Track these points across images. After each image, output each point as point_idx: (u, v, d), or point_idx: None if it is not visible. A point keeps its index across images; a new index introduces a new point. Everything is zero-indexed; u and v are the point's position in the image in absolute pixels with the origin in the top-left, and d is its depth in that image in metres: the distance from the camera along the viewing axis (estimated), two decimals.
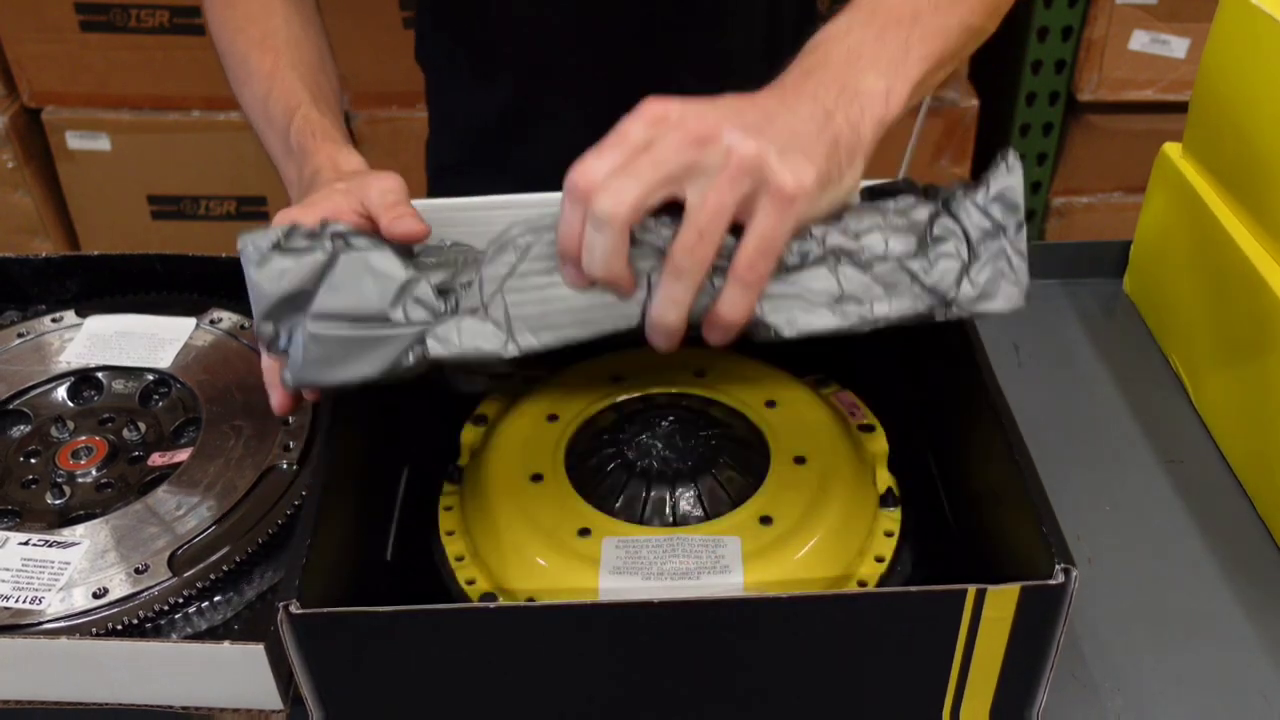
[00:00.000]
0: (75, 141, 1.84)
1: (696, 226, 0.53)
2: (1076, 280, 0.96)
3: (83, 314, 0.84)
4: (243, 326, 0.83)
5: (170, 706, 0.62)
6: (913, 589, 0.54)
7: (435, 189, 1.14)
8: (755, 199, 0.53)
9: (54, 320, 0.84)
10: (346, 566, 0.62)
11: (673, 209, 0.54)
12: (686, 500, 0.67)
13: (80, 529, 0.67)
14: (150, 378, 0.80)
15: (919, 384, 0.81)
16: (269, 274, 0.54)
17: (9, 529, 0.68)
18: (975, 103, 1.75)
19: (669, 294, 0.54)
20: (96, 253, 0.87)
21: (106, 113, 1.82)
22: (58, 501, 0.70)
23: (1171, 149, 0.88)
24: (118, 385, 0.80)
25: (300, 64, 0.78)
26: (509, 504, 0.67)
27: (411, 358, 0.55)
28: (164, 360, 0.80)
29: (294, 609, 0.52)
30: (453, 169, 1.12)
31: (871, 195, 0.60)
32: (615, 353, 0.80)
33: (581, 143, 0.55)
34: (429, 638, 0.55)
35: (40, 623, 0.62)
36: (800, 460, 0.69)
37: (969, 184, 0.58)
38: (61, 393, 0.79)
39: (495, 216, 0.66)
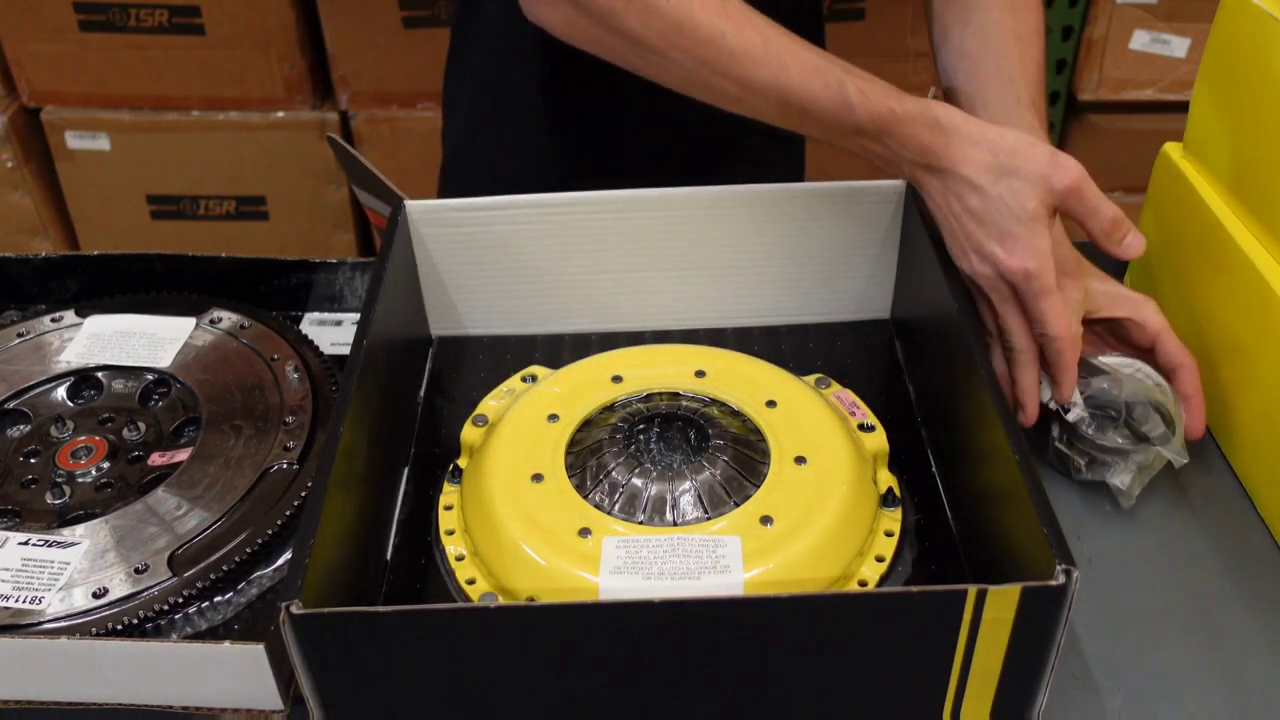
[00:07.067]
0: (75, 141, 1.84)
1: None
2: None
3: (82, 314, 0.84)
4: (243, 326, 0.83)
5: (170, 706, 0.61)
6: (913, 589, 0.54)
7: (455, 178, 1.10)
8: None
9: (54, 320, 0.83)
10: (346, 566, 0.62)
11: None
12: (686, 500, 0.67)
13: (80, 529, 0.67)
14: (150, 377, 0.80)
15: (919, 384, 0.81)
16: None
17: (9, 529, 0.68)
18: None
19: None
20: (96, 253, 0.87)
21: (106, 112, 1.82)
22: (58, 501, 0.70)
23: (1172, 149, 0.88)
24: (117, 385, 0.80)
25: None
26: (509, 504, 0.67)
27: None
28: (164, 360, 0.80)
29: (295, 609, 0.52)
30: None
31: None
32: (615, 352, 0.80)
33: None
34: (429, 638, 0.55)
35: (40, 623, 0.62)
36: (800, 460, 0.69)
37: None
38: (61, 392, 0.79)
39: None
